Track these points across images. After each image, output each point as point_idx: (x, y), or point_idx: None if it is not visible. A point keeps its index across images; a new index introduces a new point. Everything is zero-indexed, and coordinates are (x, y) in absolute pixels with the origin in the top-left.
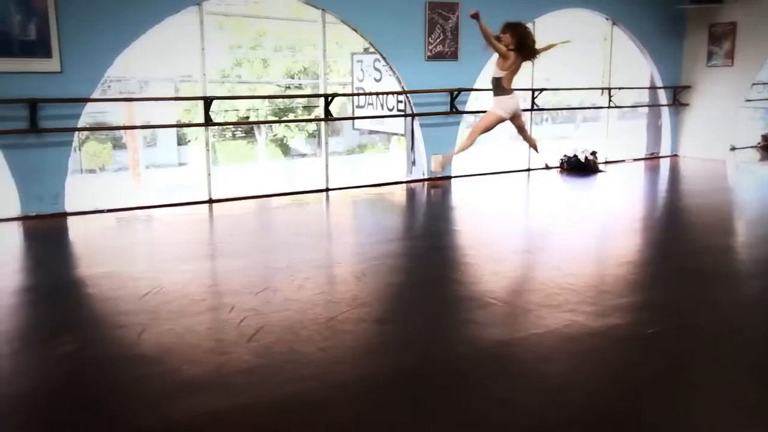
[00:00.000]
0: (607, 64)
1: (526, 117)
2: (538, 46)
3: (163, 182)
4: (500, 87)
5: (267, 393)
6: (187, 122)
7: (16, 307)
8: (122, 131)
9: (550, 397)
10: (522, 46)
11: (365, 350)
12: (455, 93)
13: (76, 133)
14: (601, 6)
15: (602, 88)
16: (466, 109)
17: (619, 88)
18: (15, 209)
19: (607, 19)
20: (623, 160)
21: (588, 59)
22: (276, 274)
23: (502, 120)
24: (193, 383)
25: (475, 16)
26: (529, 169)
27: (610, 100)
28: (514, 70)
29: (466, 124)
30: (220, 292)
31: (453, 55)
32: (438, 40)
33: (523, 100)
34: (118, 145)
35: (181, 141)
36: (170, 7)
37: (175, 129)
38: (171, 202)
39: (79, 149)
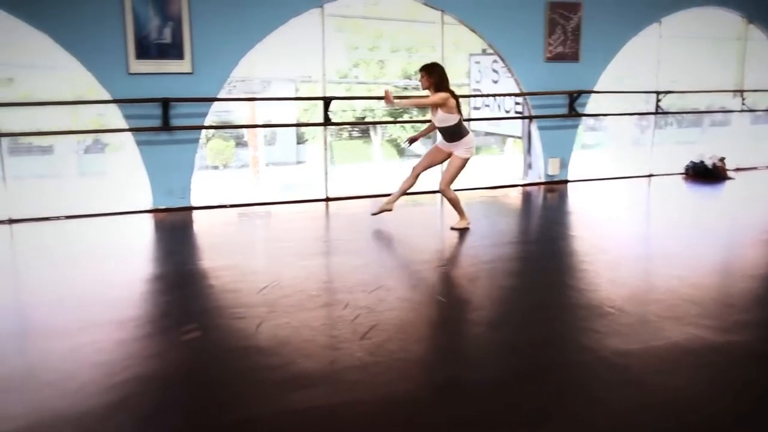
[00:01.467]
0: (740, 65)
1: (649, 120)
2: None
3: (282, 179)
4: (457, 132)
5: (378, 390)
6: (306, 122)
7: (147, 295)
8: (244, 129)
9: (665, 411)
10: (443, 81)
11: (477, 353)
12: (575, 95)
13: (203, 130)
14: (737, 4)
15: (734, 91)
16: (586, 112)
17: (754, 91)
18: (147, 202)
19: (742, 17)
20: (755, 168)
21: (718, 60)
22: (390, 273)
23: (467, 161)
24: (306, 376)
25: (387, 99)
26: (650, 175)
27: (742, 103)
28: (458, 107)
29: (585, 127)
30: (335, 289)
31: (573, 56)
32: (558, 41)
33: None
34: (240, 143)
35: (300, 140)
36: (293, 9)
37: (294, 128)
38: (289, 199)
39: (205, 146)
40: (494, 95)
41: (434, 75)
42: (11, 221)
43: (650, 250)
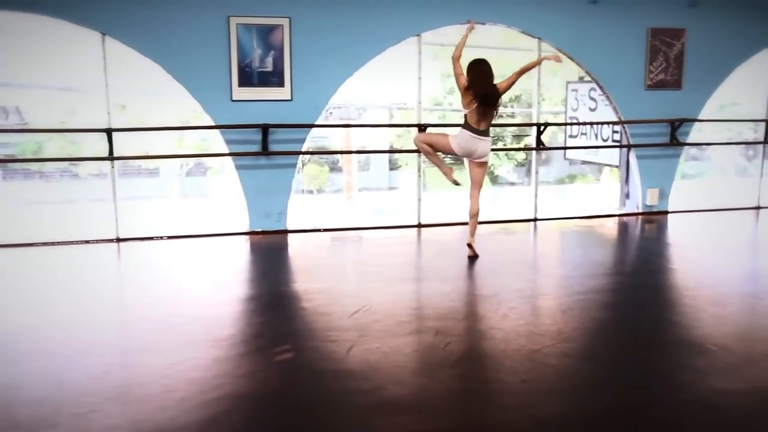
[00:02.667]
0: None
1: (757, 149)
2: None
3: (374, 205)
4: (465, 120)
5: (468, 420)
6: (399, 148)
7: (241, 314)
8: (339, 155)
9: None
10: (472, 86)
11: (568, 386)
12: (677, 123)
13: (300, 156)
14: None
15: None
16: (689, 141)
17: None
18: (245, 225)
19: None
20: None
21: None
22: (481, 301)
23: (449, 150)
24: (396, 403)
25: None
26: (758, 207)
27: None
28: (477, 112)
29: (686, 156)
30: (425, 316)
31: (676, 84)
32: (660, 68)
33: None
34: (334, 168)
35: (393, 166)
36: (391, 39)
37: (387, 154)
38: (381, 224)
39: (301, 171)
40: (591, 123)
41: (469, 73)
42: (118, 240)
43: (757, 287)
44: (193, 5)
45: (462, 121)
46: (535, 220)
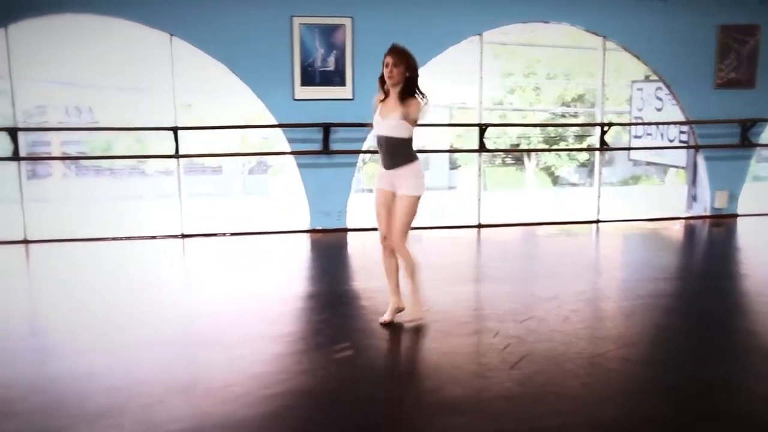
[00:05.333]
0: None
1: None
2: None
3: (433, 204)
4: (406, 152)
5: (526, 423)
6: (458, 147)
7: (301, 312)
8: None
9: None
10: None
11: (629, 392)
12: (749, 124)
13: (360, 155)
14: None
15: None
16: (760, 142)
17: None
18: (305, 222)
19: None
20: None
21: None
22: (541, 303)
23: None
24: (454, 403)
25: None
26: None
27: None
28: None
29: (757, 158)
30: (485, 317)
31: (748, 83)
32: (731, 67)
33: None
34: None
35: (452, 165)
36: (453, 38)
37: (447, 154)
38: (440, 224)
39: (361, 170)
40: (657, 123)
41: (412, 64)
42: (183, 236)
43: None
44: (258, 6)
45: (410, 152)
46: (597, 221)
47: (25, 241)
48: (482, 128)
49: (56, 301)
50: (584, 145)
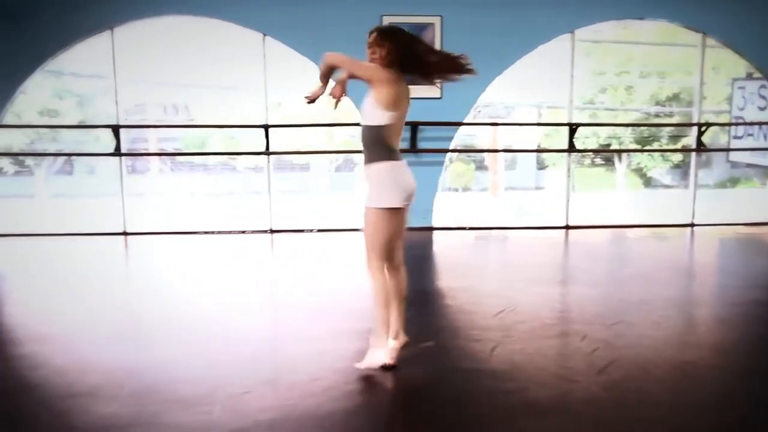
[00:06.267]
0: None
1: None
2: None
3: (520, 204)
4: (376, 146)
5: (611, 429)
6: (547, 147)
7: None
8: (485, 153)
9: None
10: (406, 58)
11: (720, 402)
12: None
13: (447, 154)
14: None
15: None
16: None
17: None
18: None
19: None
20: None
21: None
22: (631, 307)
23: (392, 218)
24: (539, 405)
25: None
26: None
27: None
28: (404, 110)
29: None
30: (571, 319)
31: None
32: None
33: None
34: (480, 166)
35: (540, 165)
36: (544, 36)
37: (535, 153)
38: (527, 224)
39: (447, 169)
40: (760, 123)
41: (395, 46)
42: (272, 231)
43: None
44: (348, 5)
45: (379, 148)
46: (692, 225)
47: (124, 233)
48: (572, 128)
49: (151, 291)
50: (679, 146)
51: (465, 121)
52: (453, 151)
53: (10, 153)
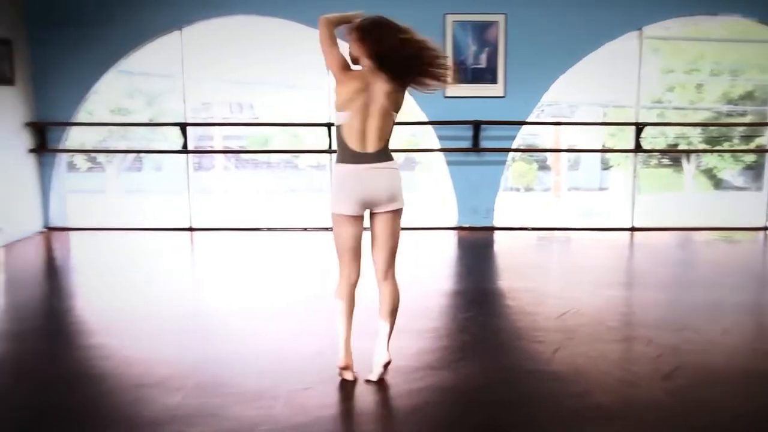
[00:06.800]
0: None
1: None
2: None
3: (583, 205)
4: (339, 144)
5: None
6: (611, 147)
7: (446, 308)
8: (548, 153)
9: None
10: (381, 56)
11: None
12: None
13: (510, 153)
14: None
15: None
16: None
17: None
18: (453, 220)
19: None
20: None
21: None
22: (699, 313)
23: (346, 225)
24: (601, 410)
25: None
26: None
27: None
28: (367, 112)
29: None
30: (636, 323)
31: None
32: None
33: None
34: (543, 166)
35: (604, 166)
36: (610, 34)
37: (599, 153)
38: (590, 225)
39: (509, 168)
40: None
41: (369, 40)
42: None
43: None
44: (412, 4)
45: (339, 148)
46: (765, 228)
47: (190, 229)
48: (639, 127)
49: (216, 285)
50: (752, 146)
51: (528, 120)
52: (515, 150)
53: (83, 150)
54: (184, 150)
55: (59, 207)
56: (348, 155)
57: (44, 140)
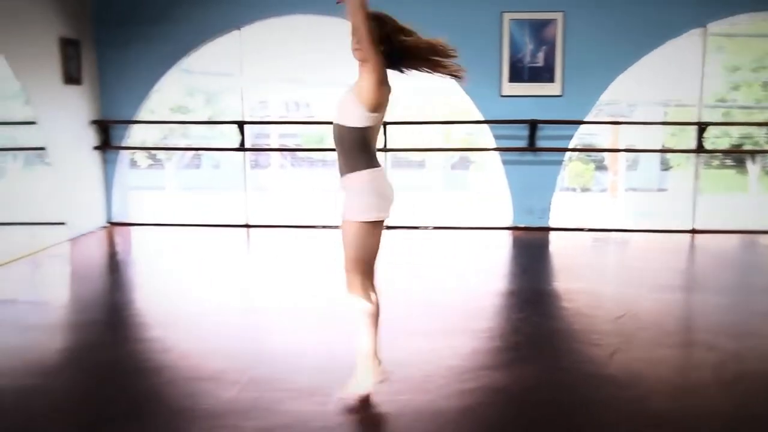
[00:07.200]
0: None
1: None
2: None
3: (641, 206)
4: (363, 148)
5: None
6: (672, 147)
7: (500, 309)
8: (605, 153)
9: None
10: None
11: None
12: None
13: (566, 153)
14: None
15: None
16: None
17: None
18: (508, 220)
19: None
20: None
21: None
22: (764, 319)
23: (376, 231)
24: (658, 416)
25: None
26: None
27: None
28: (385, 112)
29: None
30: (696, 328)
31: None
32: None
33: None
34: (600, 166)
35: (664, 166)
36: (673, 31)
37: (658, 154)
38: (649, 227)
39: (565, 168)
40: None
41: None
42: (388, 227)
43: None
44: (469, 2)
45: (360, 153)
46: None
47: (247, 226)
48: (701, 127)
49: (272, 281)
50: None
51: (586, 120)
52: (572, 150)
53: (144, 147)
54: (242, 148)
55: (121, 203)
56: (374, 158)
57: (108, 138)
